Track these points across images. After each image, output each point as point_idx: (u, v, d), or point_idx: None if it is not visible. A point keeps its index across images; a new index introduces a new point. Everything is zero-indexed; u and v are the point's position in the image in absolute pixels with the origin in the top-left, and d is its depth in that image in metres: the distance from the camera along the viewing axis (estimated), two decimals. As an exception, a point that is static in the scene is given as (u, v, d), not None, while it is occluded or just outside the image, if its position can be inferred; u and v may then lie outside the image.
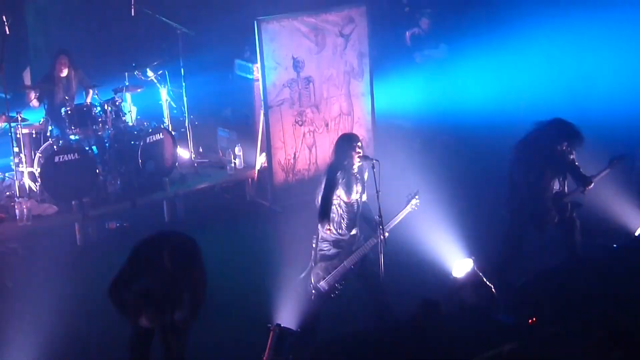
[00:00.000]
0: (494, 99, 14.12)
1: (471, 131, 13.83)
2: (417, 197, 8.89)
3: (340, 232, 8.65)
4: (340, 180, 8.55)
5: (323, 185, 8.60)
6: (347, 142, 8.70)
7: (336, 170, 8.59)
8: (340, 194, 8.59)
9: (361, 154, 8.63)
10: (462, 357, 7.66)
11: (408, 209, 8.85)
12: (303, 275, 8.91)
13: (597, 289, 8.57)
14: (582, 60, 13.53)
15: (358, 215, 8.75)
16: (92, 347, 9.01)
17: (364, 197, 8.78)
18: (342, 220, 8.64)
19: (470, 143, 13.80)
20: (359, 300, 9.08)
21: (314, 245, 8.79)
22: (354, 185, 8.62)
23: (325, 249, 8.69)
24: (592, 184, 9.46)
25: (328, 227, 8.59)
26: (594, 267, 9.13)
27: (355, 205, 8.68)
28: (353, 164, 8.59)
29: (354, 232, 8.73)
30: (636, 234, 10.15)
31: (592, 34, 13.35)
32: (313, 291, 8.69)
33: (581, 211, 9.66)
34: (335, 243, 8.68)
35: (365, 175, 8.76)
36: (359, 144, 8.67)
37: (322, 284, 8.66)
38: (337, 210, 8.62)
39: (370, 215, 8.72)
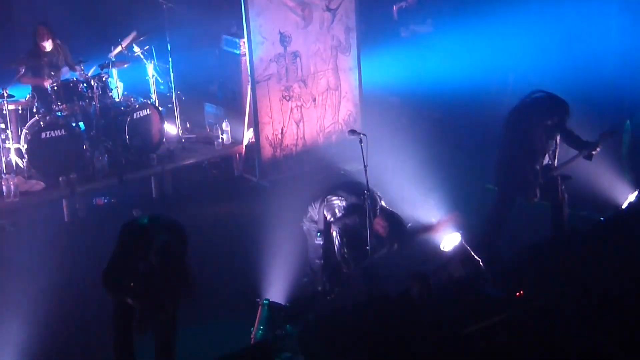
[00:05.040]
0: (481, 74, 14.12)
1: (458, 106, 13.83)
2: None
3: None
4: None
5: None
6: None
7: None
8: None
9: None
10: (450, 330, 7.70)
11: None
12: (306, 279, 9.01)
13: (584, 262, 8.61)
14: (569, 33, 13.51)
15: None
16: (80, 323, 9.02)
17: None
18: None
19: (457, 117, 13.81)
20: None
21: (305, 228, 8.86)
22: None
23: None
24: (599, 147, 9.45)
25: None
26: (581, 240, 9.17)
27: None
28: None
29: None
30: (623, 206, 10.19)
31: (579, 8, 13.34)
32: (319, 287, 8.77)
33: (570, 184, 9.68)
34: None
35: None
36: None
37: (326, 283, 8.77)
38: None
39: None
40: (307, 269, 9.02)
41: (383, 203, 8.80)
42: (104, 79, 12.04)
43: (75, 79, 11.98)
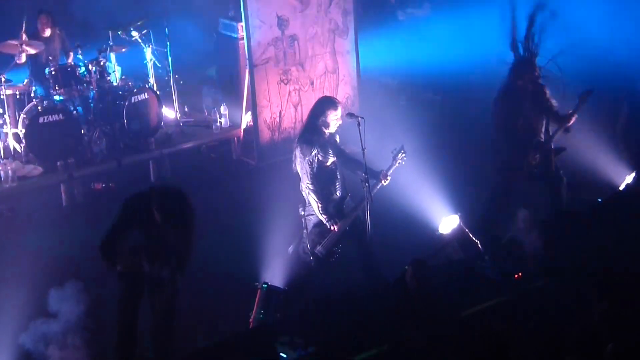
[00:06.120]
0: (479, 56, 14.09)
1: (456, 87, 13.82)
2: (403, 151, 8.88)
3: (329, 197, 8.66)
4: (318, 151, 8.56)
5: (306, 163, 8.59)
6: (328, 105, 8.69)
7: (311, 144, 8.58)
8: (324, 160, 8.61)
9: (339, 118, 8.64)
10: (449, 313, 7.71)
11: (395, 164, 8.85)
12: (292, 248, 8.93)
13: (582, 244, 8.62)
14: (564, 13, 13.47)
15: (340, 177, 8.74)
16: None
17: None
18: (325, 186, 8.64)
19: (455, 99, 13.80)
20: (347, 259, 9.09)
21: (302, 213, 8.79)
22: (330, 149, 8.63)
23: (314, 213, 8.69)
24: (573, 118, 9.44)
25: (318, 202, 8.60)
26: (578, 222, 9.17)
27: (335, 168, 8.69)
28: (329, 128, 8.62)
29: (338, 194, 8.74)
30: (620, 188, 10.20)
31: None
32: (311, 258, 8.69)
33: (566, 157, 9.68)
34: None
35: (337, 138, 8.77)
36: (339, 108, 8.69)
37: (320, 249, 8.66)
38: (321, 178, 8.62)
39: (359, 168, 8.68)
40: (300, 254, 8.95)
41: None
42: (101, 63, 12.03)
43: (73, 63, 11.97)
